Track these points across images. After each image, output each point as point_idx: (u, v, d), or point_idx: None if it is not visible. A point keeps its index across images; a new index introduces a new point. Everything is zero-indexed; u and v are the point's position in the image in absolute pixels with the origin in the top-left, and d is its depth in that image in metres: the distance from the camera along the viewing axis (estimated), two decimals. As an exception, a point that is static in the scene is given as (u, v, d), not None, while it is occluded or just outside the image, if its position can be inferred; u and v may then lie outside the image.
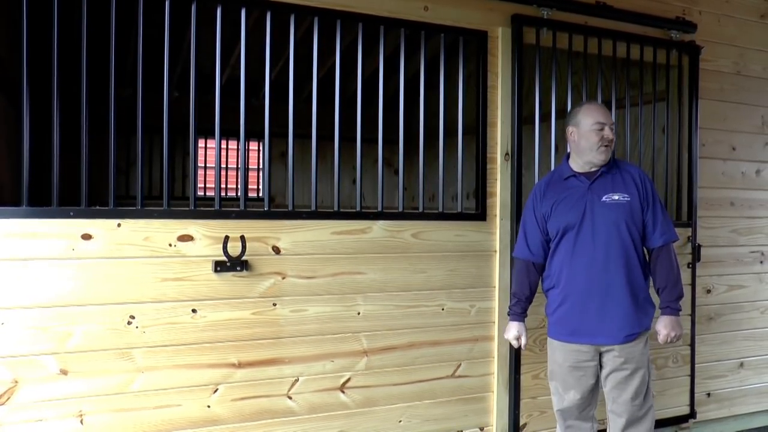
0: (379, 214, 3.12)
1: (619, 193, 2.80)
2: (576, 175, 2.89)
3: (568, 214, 2.82)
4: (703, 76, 4.06)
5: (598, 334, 2.80)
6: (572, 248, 2.82)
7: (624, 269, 2.78)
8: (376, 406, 3.13)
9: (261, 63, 2.94)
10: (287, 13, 2.96)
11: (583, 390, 2.87)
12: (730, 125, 4.25)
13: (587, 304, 2.80)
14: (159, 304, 2.70)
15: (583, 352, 2.84)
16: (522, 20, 3.40)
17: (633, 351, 2.83)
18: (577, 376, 2.86)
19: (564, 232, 2.83)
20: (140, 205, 2.68)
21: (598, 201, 2.80)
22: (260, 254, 2.87)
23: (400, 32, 3.19)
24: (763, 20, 4.38)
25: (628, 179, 2.84)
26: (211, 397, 2.80)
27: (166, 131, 2.76)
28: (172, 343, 2.72)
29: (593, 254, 2.78)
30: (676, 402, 3.99)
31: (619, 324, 2.79)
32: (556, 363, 2.92)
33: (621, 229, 2.78)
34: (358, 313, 3.08)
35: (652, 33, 3.86)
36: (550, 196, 2.91)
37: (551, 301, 2.93)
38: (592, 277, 2.78)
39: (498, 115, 3.39)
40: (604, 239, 2.77)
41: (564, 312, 2.85)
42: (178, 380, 2.74)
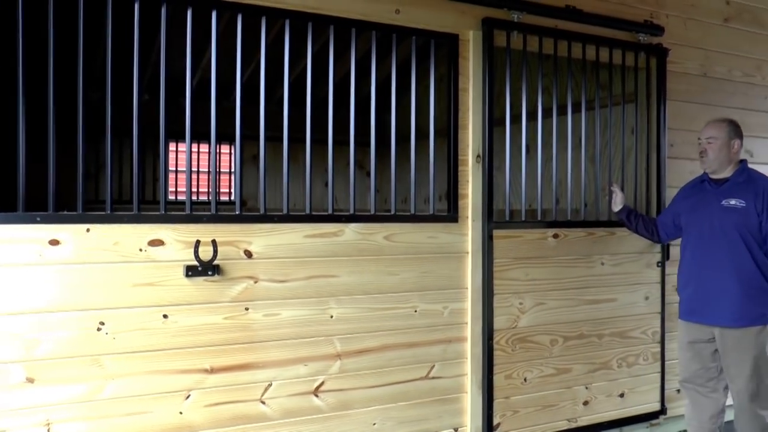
0: (352, 216, 3.12)
1: (736, 199, 3.24)
2: (709, 180, 3.40)
3: (695, 213, 3.39)
4: (671, 78, 4.14)
5: (712, 316, 3.28)
6: (694, 242, 3.38)
7: (733, 263, 3.21)
8: (350, 410, 3.13)
9: (232, 65, 2.92)
10: (258, 16, 2.94)
11: (699, 363, 3.38)
12: (697, 126, 4.29)
13: (703, 290, 3.30)
14: (129, 310, 2.66)
15: (700, 330, 3.34)
16: (493, 23, 3.42)
17: (747, 334, 3.19)
18: (694, 349, 3.39)
19: (690, 228, 3.42)
20: (110, 210, 2.64)
21: (717, 204, 3.29)
22: (232, 258, 2.85)
23: (372, 35, 3.19)
24: (726, 24, 4.47)
25: (750, 188, 3.26)
26: (183, 403, 2.77)
27: (136, 134, 2.72)
28: (143, 349, 2.69)
29: (709, 248, 3.29)
30: (647, 399, 4.06)
31: (729, 310, 3.21)
32: (678, 338, 3.53)
33: (733, 229, 3.22)
34: (331, 316, 3.07)
35: (620, 36, 3.92)
36: (688, 195, 3.51)
37: (679, 285, 3.53)
38: (707, 267, 3.29)
39: (469, 117, 3.41)
40: (717, 237, 3.26)
41: (686, 295, 3.42)
42: (149, 387, 2.70)
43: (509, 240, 3.51)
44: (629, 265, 3.96)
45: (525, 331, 3.58)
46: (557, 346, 3.70)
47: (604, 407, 3.89)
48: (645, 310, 4.03)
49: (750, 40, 4.59)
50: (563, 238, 3.71)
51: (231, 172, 6.69)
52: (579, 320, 3.78)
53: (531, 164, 3.85)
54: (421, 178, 3.40)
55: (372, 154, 3.19)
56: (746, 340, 3.19)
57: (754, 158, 4.56)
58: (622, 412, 3.97)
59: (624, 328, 3.95)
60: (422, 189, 3.66)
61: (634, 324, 3.99)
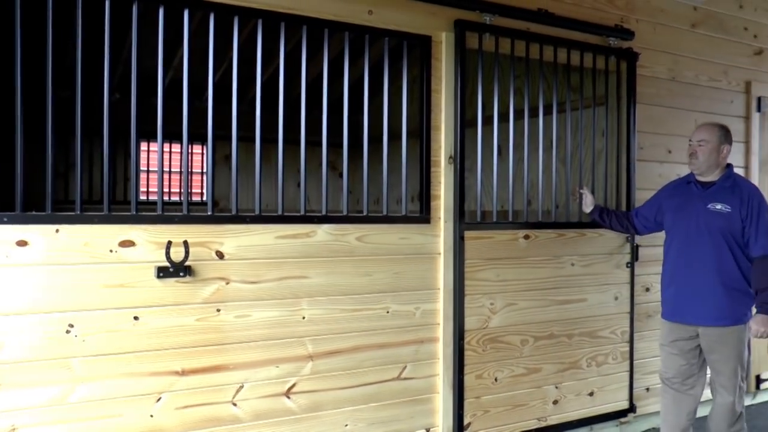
0: (324, 217, 3.12)
1: (722, 204, 3.31)
2: (695, 182, 3.46)
3: (680, 213, 3.45)
4: (640, 81, 4.20)
5: (696, 316, 3.36)
6: (679, 243, 3.43)
7: (717, 265, 3.29)
8: (322, 411, 3.13)
9: (204, 65, 2.90)
10: (230, 15, 2.93)
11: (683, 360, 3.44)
12: (666, 129, 4.40)
13: (687, 289, 3.37)
14: (99, 312, 2.63)
15: (683, 329, 3.41)
16: (465, 25, 3.45)
17: (729, 333, 3.29)
18: (678, 346, 3.45)
19: (674, 228, 3.47)
20: (79, 210, 2.61)
21: (703, 207, 3.35)
22: (204, 259, 2.83)
23: (345, 36, 3.19)
24: (694, 29, 4.56)
25: (736, 193, 3.33)
26: (153, 406, 2.74)
27: (106, 134, 2.69)
28: (114, 351, 2.66)
29: (694, 250, 3.36)
30: (617, 397, 4.12)
31: (714, 310, 3.30)
32: (660, 336, 3.58)
33: (718, 233, 3.29)
34: (303, 317, 3.07)
35: (591, 40, 3.97)
36: (674, 195, 3.55)
37: (662, 285, 3.57)
38: (691, 268, 3.36)
39: (442, 118, 3.43)
40: (702, 239, 3.33)
41: (669, 295, 3.48)
42: (119, 390, 2.67)
43: (481, 241, 3.54)
44: (599, 266, 4.01)
45: (496, 331, 3.61)
46: (528, 346, 3.74)
47: (574, 406, 3.94)
48: (614, 310, 4.09)
49: (716, 46, 4.68)
50: (534, 239, 3.75)
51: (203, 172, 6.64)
52: (549, 320, 3.82)
53: (503, 165, 3.89)
54: (393, 179, 3.40)
55: (344, 155, 3.19)
56: (731, 337, 3.30)
57: (721, 161, 4.65)
58: (592, 411, 4.02)
59: (593, 328, 4.00)
60: (394, 190, 3.66)
61: (603, 324, 4.04)
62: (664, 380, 3.57)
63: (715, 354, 3.35)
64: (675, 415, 3.50)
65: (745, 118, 4.83)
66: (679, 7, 4.47)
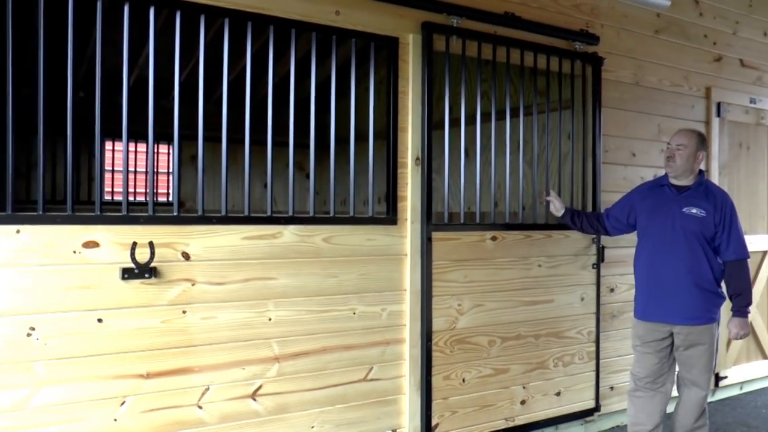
0: (291, 218, 3.10)
1: (697, 208, 3.40)
2: (669, 185, 3.53)
3: (655, 215, 3.52)
4: (605, 85, 4.27)
5: (670, 315, 3.43)
6: (654, 244, 3.50)
7: (692, 266, 3.39)
8: (288, 413, 3.11)
9: (170, 63, 2.87)
10: (197, 14, 2.90)
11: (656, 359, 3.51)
12: (631, 133, 4.48)
13: (662, 290, 3.45)
14: (62, 314, 2.57)
15: (657, 329, 3.49)
16: (432, 28, 3.46)
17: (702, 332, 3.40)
18: (651, 346, 3.51)
19: (649, 230, 3.53)
20: (42, 210, 2.55)
21: (678, 211, 3.43)
22: (169, 260, 2.80)
23: (312, 36, 3.19)
24: (657, 35, 4.65)
25: (710, 199, 3.43)
26: (118, 410, 2.69)
27: (70, 132, 2.64)
28: (77, 354, 2.61)
29: (669, 251, 3.43)
30: (583, 396, 4.17)
31: (688, 309, 3.39)
32: (633, 335, 3.63)
33: (693, 236, 3.39)
34: (269, 318, 3.05)
35: (557, 44, 4.02)
36: (648, 197, 3.61)
37: (637, 285, 3.63)
38: (667, 269, 3.44)
39: (409, 120, 3.44)
40: (678, 241, 3.41)
41: (645, 295, 3.55)
42: (83, 393, 2.62)
43: (448, 242, 3.56)
44: (565, 267, 4.06)
45: (463, 332, 3.63)
46: (495, 346, 3.76)
47: (541, 406, 3.97)
48: (581, 310, 4.14)
49: (678, 52, 4.78)
50: (501, 240, 3.78)
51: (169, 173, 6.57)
52: (517, 321, 3.85)
53: (470, 167, 3.91)
54: (360, 180, 3.41)
55: (311, 156, 3.18)
56: (704, 335, 3.41)
57: (684, 164, 4.75)
58: (558, 410, 4.06)
59: (560, 329, 4.05)
60: (361, 191, 3.66)
61: (570, 324, 4.09)
62: (636, 380, 3.61)
63: (689, 351, 3.44)
64: (648, 414, 3.56)
65: (705, 123, 4.94)
66: (643, 14, 4.56)
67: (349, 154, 3.32)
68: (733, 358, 5.14)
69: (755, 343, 5.34)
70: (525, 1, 3.92)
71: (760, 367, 5.37)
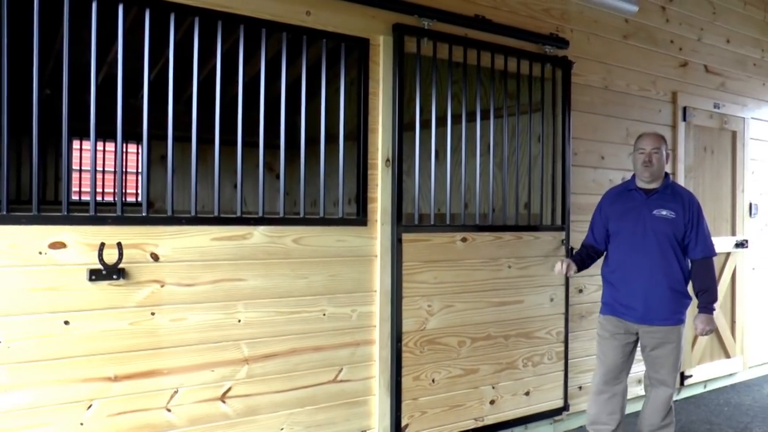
0: (260, 219, 3.09)
1: (667, 210, 3.47)
2: (637, 189, 3.59)
3: (626, 219, 3.56)
4: (575, 89, 4.33)
5: (640, 316, 3.49)
6: (625, 247, 3.55)
7: (663, 268, 3.45)
8: (257, 415, 3.09)
9: (140, 62, 2.83)
10: (167, 12, 2.87)
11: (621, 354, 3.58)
12: (600, 136, 4.54)
13: (634, 292, 3.50)
14: (27, 317, 2.53)
15: (626, 326, 3.54)
16: (403, 29, 3.47)
17: (671, 332, 3.47)
18: (618, 340, 3.58)
19: (620, 234, 3.58)
20: (6, 211, 2.50)
21: (649, 214, 3.50)
22: (138, 261, 2.76)
23: (282, 36, 3.18)
24: (625, 41, 4.73)
25: (678, 200, 3.51)
26: (84, 413, 2.65)
27: (35, 131, 2.59)
28: (42, 357, 2.56)
29: (641, 254, 3.49)
30: (552, 396, 4.21)
31: (660, 310, 3.46)
32: (600, 329, 3.66)
33: (664, 238, 3.45)
34: (238, 320, 3.03)
35: (528, 47, 4.06)
36: (616, 202, 3.67)
37: (606, 286, 3.68)
38: (639, 271, 3.49)
39: (379, 121, 3.44)
40: (650, 243, 3.47)
41: (615, 296, 3.59)
42: (48, 398, 2.57)
43: (418, 243, 3.57)
44: (535, 268, 4.10)
45: (433, 333, 3.65)
46: (465, 347, 3.79)
47: (510, 405, 4.01)
48: (550, 311, 4.18)
49: (646, 57, 4.86)
50: (471, 241, 3.80)
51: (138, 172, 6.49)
52: (486, 322, 3.88)
53: (440, 169, 3.93)
54: (330, 181, 3.40)
55: (281, 157, 3.16)
56: (673, 335, 3.48)
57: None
58: (528, 410, 4.10)
59: (530, 329, 4.09)
60: (332, 192, 3.66)
61: (539, 325, 4.13)
62: (600, 378, 3.65)
63: (657, 351, 3.50)
64: (609, 414, 3.61)
65: (671, 126, 5.04)
66: (611, 19, 4.63)
67: (319, 155, 3.32)
68: (698, 358, 5.25)
69: (718, 343, 5.46)
70: (496, 4, 3.95)
71: (723, 366, 5.49)
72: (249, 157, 3.11)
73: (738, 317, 5.58)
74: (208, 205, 3.19)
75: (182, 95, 3.16)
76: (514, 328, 4.01)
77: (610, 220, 3.66)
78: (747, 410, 4.92)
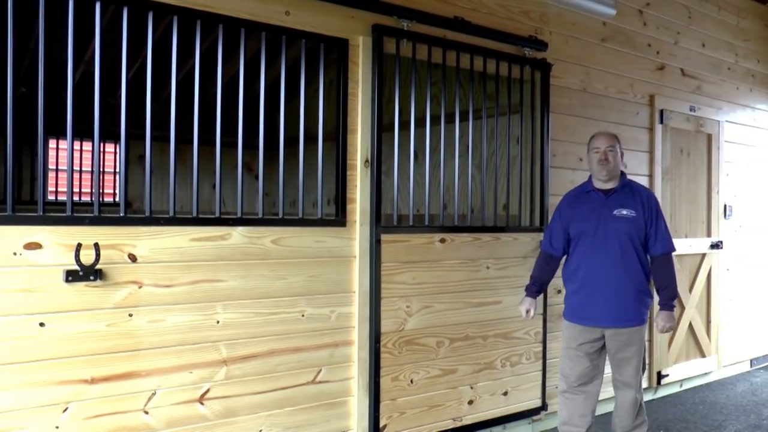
0: (239, 220, 3.08)
1: (627, 209, 3.46)
2: (595, 190, 3.55)
3: (586, 221, 3.51)
4: (554, 91, 4.36)
5: (605, 318, 3.46)
6: (587, 249, 3.51)
7: (626, 269, 3.43)
8: (236, 416, 3.07)
9: (118, 60, 2.81)
10: (145, 10, 2.85)
11: (588, 361, 3.55)
12: (578, 138, 4.58)
13: (598, 293, 3.46)
14: (1, 318, 2.49)
15: (590, 332, 3.50)
16: (382, 30, 3.48)
17: (634, 333, 3.46)
18: (583, 349, 3.53)
19: (582, 236, 3.52)
20: (-21, 211, 2.48)
21: (609, 214, 3.47)
22: (116, 262, 2.74)
23: (261, 36, 3.17)
24: (603, 43, 4.78)
25: (637, 199, 3.50)
26: (60, 416, 2.62)
27: (10, 130, 2.55)
28: (17, 360, 2.52)
29: (603, 255, 3.45)
30: (530, 396, 4.25)
31: (623, 312, 3.44)
32: (566, 337, 3.61)
33: (626, 237, 3.43)
34: (217, 321, 3.01)
35: (507, 49, 4.09)
36: (574, 205, 3.62)
37: (568, 289, 3.62)
38: (602, 273, 3.45)
39: (358, 122, 3.44)
40: (611, 244, 3.44)
41: (578, 299, 3.53)
42: (23, 401, 2.54)
43: (397, 244, 3.58)
44: (514, 269, 4.13)
45: (412, 333, 3.66)
46: (443, 347, 3.80)
47: (489, 405, 4.03)
48: (528, 312, 4.20)
49: (624, 60, 4.92)
50: (450, 242, 3.82)
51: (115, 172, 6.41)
52: (465, 322, 3.90)
53: (419, 170, 3.94)
54: (309, 181, 3.40)
55: (260, 157, 3.15)
56: (636, 336, 3.47)
57: (627, 169, 4.88)
58: (506, 410, 4.13)
59: (508, 329, 4.11)
60: (311, 193, 3.66)
61: (517, 325, 4.16)
62: (567, 382, 3.61)
63: (621, 353, 3.50)
64: (581, 416, 3.59)
65: (649, 129, 5.10)
66: (590, 22, 4.67)
67: (298, 155, 3.31)
68: (674, 357, 5.32)
69: (694, 342, 5.53)
70: (474, 6, 3.97)
71: (699, 365, 5.57)
72: (228, 158, 3.10)
73: (713, 317, 5.66)
74: (187, 205, 3.17)
75: (161, 94, 3.13)
76: (493, 329, 4.03)
77: (570, 223, 3.59)
78: (721, 408, 4.99)
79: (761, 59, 6.29)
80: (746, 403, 5.13)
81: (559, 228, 3.65)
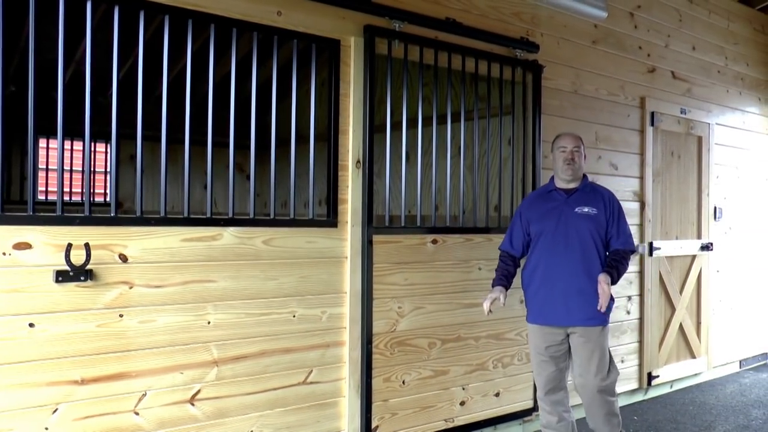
0: (230, 220, 3.07)
1: (589, 207, 3.45)
2: (557, 190, 3.54)
3: (547, 220, 3.48)
4: (545, 93, 4.38)
5: (567, 318, 3.40)
6: (547, 248, 3.45)
7: (587, 266, 3.39)
8: (227, 417, 3.07)
9: (109, 59, 2.80)
10: (136, 9, 2.84)
11: (554, 365, 3.48)
12: (570, 140, 4.58)
13: (558, 293, 3.40)
14: (-11, 319, 2.47)
15: (554, 333, 3.43)
16: (374, 31, 3.48)
17: (594, 333, 3.39)
18: (549, 353, 3.46)
19: (542, 234, 3.47)
20: (-33, 210, 2.46)
21: (571, 212, 3.45)
22: (106, 263, 2.73)
23: (253, 36, 3.16)
24: (594, 46, 4.80)
25: (598, 197, 3.50)
26: (49, 418, 2.60)
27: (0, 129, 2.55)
28: (6, 361, 2.51)
29: (563, 253, 3.41)
30: (521, 397, 4.25)
31: (585, 311, 3.37)
32: (532, 343, 3.54)
33: (587, 234, 3.42)
34: (208, 322, 3.00)
35: (498, 51, 4.10)
36: (535, 205, 3.59)
37: (528, 293, 3.55)
38: (561, 270, 3.41)
39: (350, 122, 3.44)
40: (572, 242, 3.41)
41: (539, 299, 3.48)
42: (12, 402, 2.52)
43: (389, 245, 3.58)
44: (505, 270, 4.12)
45: (404, 334, 3.66)
46: (435, 348, 3.80)
47: (480, 406, 4.03)
48: (520, 312, 4.18)
49: (614, 62, 4.94)
50: (442, 243, 3.82)
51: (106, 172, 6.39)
52: (457, 323, 3.90)
53: (411, 171, 3.94)
54: (301, 182, 3.40)
55: (252, 157, 3.15)
56: (595, 337, 3.38)
57: (618, 171, 4.92)
58: (498, 411, 4.13)
59: (500, 330, 4.12)
60: (302, 193, 3.65)
61: (509, 326, 4.17)
62: (541, 387, 3.54)
63: (583, 353, 3.41)
64: (558, 421, 3.53)
65: (640, 131, 5.12)
66: (581, 24, 4.69)
67: (290, 156, 3.31)
68: (665, 358, 5.34)
69: (684, 343, 5.56)
70: (466, 7, 3.98)
71: (689, 366, 5.60)
72: (219, 158, 3.09)
73: (703, 318, 5.69)
74: (178, 205, 3.16)
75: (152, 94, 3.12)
76: (485, 330, 4.04)
77: (531, 223, 3.53)
78: (711, 409, 5.01)
79: (750, 63, 6.33)
80: (735, 404, 5.15)
81: (519, 228, 3.59)
